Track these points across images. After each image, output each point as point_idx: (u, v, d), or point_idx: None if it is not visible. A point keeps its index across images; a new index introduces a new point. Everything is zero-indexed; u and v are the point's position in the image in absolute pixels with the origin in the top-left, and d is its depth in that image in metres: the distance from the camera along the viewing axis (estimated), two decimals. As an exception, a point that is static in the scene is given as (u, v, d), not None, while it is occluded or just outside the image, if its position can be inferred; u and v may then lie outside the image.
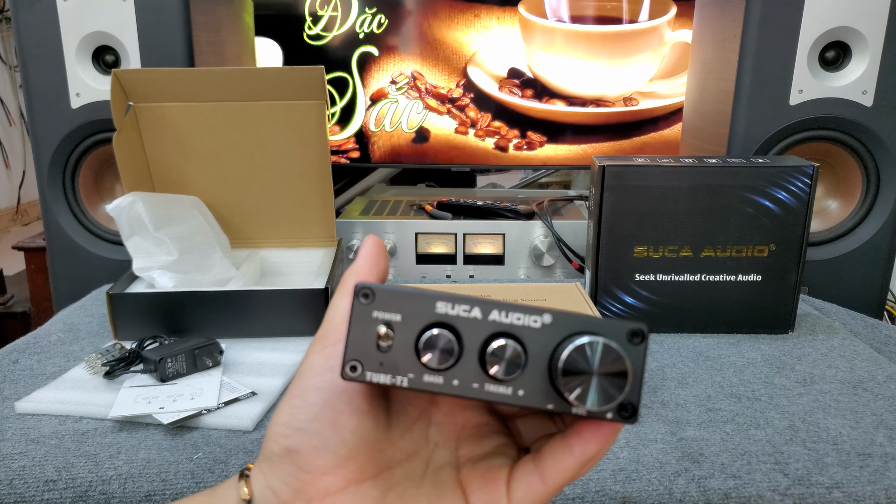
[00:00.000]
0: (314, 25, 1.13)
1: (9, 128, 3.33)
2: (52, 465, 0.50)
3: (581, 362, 0.25)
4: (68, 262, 0.93)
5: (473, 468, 0.29)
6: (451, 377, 0.26)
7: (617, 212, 0.71)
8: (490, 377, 0.26)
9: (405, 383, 0.26)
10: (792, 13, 0.82)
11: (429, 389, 0.26)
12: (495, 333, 0.26)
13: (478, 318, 0.26)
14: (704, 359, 0.68)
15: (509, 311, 0.26)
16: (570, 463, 0.28)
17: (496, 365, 0.26)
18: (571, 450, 0.28)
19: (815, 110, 0.85)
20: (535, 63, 1.11)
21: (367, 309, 0.26)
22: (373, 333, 0.26)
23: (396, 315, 0.26)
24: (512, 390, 0.26)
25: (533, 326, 0.26)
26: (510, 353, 0.26)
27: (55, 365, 0.66)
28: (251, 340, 0.71)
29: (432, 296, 0.26)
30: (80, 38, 0.86)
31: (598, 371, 0.25)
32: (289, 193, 0.86)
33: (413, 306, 0.26)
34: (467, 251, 1.00)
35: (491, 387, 0.26)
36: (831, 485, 0.48)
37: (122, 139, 0.77)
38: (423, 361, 0.26)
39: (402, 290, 0.26)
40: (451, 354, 0.26)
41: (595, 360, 0.25)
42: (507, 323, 0.26)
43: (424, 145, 1.16)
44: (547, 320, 0.26)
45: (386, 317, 0.26)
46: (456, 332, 0.26)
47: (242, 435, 0.54)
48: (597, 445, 0.27)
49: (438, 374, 0.26)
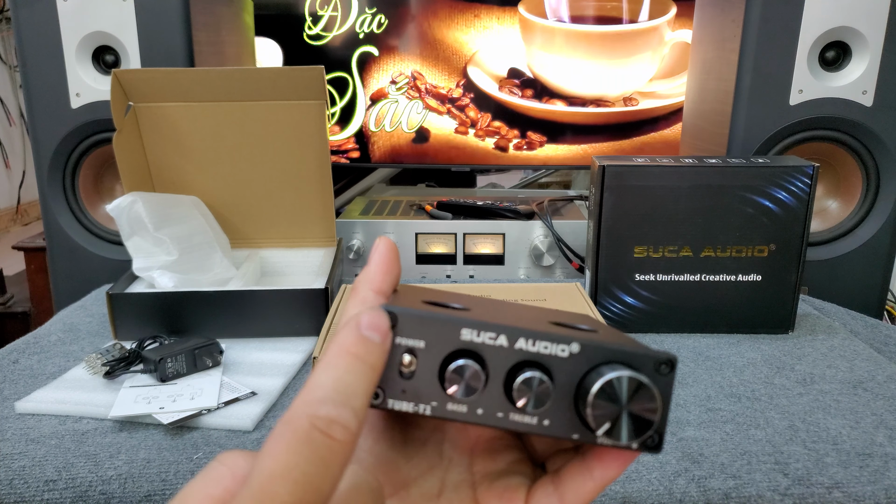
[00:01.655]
0: (314, 25, 1.13)
1: (9, 128, 3.33)
2: (52, 465, 0.50)
3: (611, 397, 0.24)
4: (68, 262, 0.93)
5: (490, 487, 0.29)
6: (475, 406, 0.26)
7: (617, 212, 0.71)
8: (516, 408, 0.25)
9: (428, 411, 0.25)
10: (792, 13, 0.82)
11: (452, 418, 0.26)
12: (522, 362, 0.25)
13: (504, 346, 0.25)
14: (704, 359, 0.68)
15: (536, 339, 0.25)
16: (590, 486, 0.27)
17: (524, 397, 0.25)
18: (592, 473, 0.27)
19: (815, 110, 0.85)
20: (535, 63, 1.11)
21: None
22: (396, 360, 0.25)
23: (420, 342, 0.25)
24: (537, 420, 0.26)
25: (560, 356, 0.25)
26: (537, 386, 0.25)
27: (55, 365, 0.66)
28: (251, 340, 0.71)
29: (458, 322, 0.25)
30: (80, 38, 0.86)
31: (627, 405, 0.24)
32: (289, 193, 0.86)
33: (438, 333, 0.25)
34: (467, 251, 1.00)
35: (516, 416, 0.26)
36: (831, 485, 0.48)
37: (122, 139, 0.77)
38: (449, 392, 0.25)
39: (426, 316, 0.25)
40: (476, 386, 0.25)
41: (624, 394, 0.24)
42: (533, 352, 0.25)
43: (424, 145, 1.16)
44: (575, 349, 0.25)
45: (409, 343, 0.25)
46: (481, 359, 0.25)
47: (242, 435, 0.54)
48: (618, 471, 0.27)
49: (462, 402, 0.26)
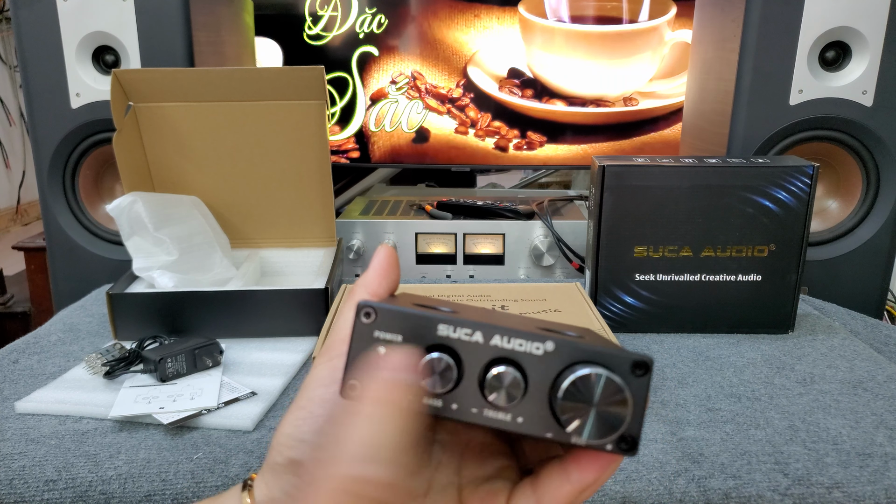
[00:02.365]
0: (314, 25, 1.13)
1: (9, 128, 3.33)
2: (52, 465, 0.50)
3: (581, 394, 0.25)
4: (68, 262, 0.93)
5: (475, 491, 0.29)
6: (450, 401, 0.26)
7: (617, 212, 0.71)
8: (489, 403, 0.26)
9: None
10: (792, 13, 0.82)
11: (429, 412, 0.26)
12: (496, 359, 0.26)
13: (479, 342, 0.26)
14: (704, 359, 0.68)
15: (512, 336, 0.25)
16: (567, 490, 0.27)
17: (495, 392, 0.25)
18: (569, 476, 0.27)
19: (815, 110, 0.85)
20: (535, 63, 1.11)
21: (368, 328, 0.26)
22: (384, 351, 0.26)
23: (398, 336, 0.26)
24: (511, 417, 0.26)
25: (535, 353, 0.25)
26: (509, 381, 0.25)
27: (55, 365, 0.66)
28: (251, 340, 0.71)
29: (434, 318, 0.26)
30: (80, 38, 0.86)
31: (597, 403, 0.25)
32: (289, 193, 0.86)
33: (414, 328, 0.26)
34: (467, 251, 1.00)
35: (490, 412, 0.26)
36: (831, 485, 0.48)
37: (122, 139, 0.77)
38: (422, 385, 0.25)
39: (404, 311, 0.26)
40: (449, 379, 0.25)
41: (595, 392, 0.24)
42: (508, 349, 0.26)
43: (424, 145, 1.16)
44: (549, 348, 0.25)
45: (387, 337, 0.26)
46: (457, 355, 0.26)
47: (242, 435, 0.54)
48: (594, 474, 0.27)
49: (438, 397, 0.26)
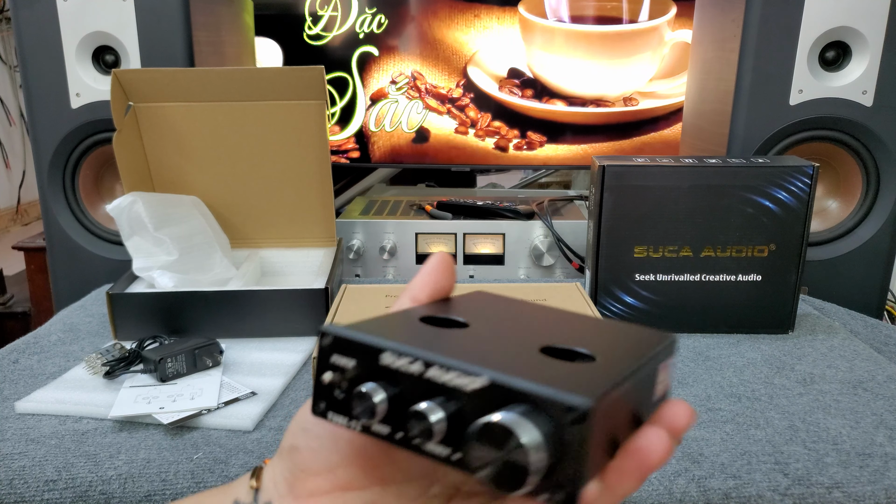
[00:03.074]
0: (314, 25, 1.13)
1: (9, 128, 3.33)
2: (52, 465, 0.50)
3: (490, 440, 0.22)
4: (68, 262, 0.93)
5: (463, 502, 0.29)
6: (397, 429, 0.25)
7: (617, 212, 0.71)
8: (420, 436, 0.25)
9: (358, 428, 0.26)
10: (792, 13, 0.82)
11: (377, 437, 0.26)
12: (430, 391, 0.25)
13: (416, 372, 0.25)
14: (704, 359, 0.68)
15: (449, 368, 0.24)
16: None
17: (417, 426, 0.24)
18: None
19: (815, 110, 0.85)
20: (535, 63, 1.11)
21: (327, 352, 0.27)
22: (330, 376, 0.27)
23: (352, 360, 0.26)
24: (449, 452, 0.24)
25: (464, 390, 0.24)
26: (420, 420, 0.24)
27: (55, 365, 0.66)
28: (251, 340, 0.71)
29: (381, 345, 0.25)
30: (80, 38, 0.86)
31: (505, 452, 0.22)
32: (289, 193, 0.86)
33: (363, 355, 0.26)
34: (467, 251, 1.00)
35: (430, 445, 0.25)
36: (831, 485, 0.48)
37: (122, 139, 0.77)
38: (354, 413, 0.25)
39: (355, 338, 0.26)
40: (376, 412, 0.25)
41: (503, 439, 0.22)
42: (440, 383, 0.24)
43: (424, 145, 1.16)
44: (478, 385, 0.24)
45: (342, 362, 0.26)
46: (397, 384, 0.25)
47: (242, 435, 0.54)
48: None
49: (385, 424, 0.26)
